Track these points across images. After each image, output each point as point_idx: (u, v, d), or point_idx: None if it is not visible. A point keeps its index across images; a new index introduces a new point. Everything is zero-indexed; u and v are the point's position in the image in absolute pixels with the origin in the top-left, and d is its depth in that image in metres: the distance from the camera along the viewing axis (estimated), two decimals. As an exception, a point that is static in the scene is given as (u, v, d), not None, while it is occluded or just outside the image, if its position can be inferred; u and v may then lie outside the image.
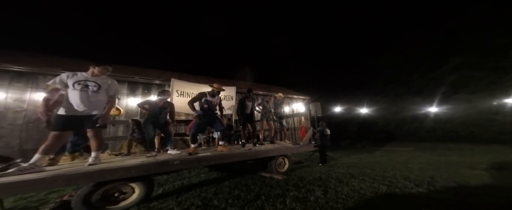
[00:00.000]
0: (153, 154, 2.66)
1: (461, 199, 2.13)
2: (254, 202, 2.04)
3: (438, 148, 7.90)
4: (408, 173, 3.47)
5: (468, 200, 2.08)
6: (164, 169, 2.24)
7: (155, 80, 5.72)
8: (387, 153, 6.96)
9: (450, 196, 2.22)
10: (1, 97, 4.01)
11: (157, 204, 2.02)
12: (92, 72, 2.08)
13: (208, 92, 3.10)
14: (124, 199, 1.99)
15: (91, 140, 2.10)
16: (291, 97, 9.02)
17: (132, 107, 5.17)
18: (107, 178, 1.83)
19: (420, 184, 2.68)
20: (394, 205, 1.96)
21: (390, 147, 9.20)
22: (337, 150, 7.81)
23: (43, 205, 2.19)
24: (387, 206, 1.95)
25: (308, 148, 4.17)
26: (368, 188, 2.51)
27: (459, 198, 2.15)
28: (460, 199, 2.12)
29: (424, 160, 5.23)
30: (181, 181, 3.09)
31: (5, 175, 1.61)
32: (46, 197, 2.48)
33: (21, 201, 2.33)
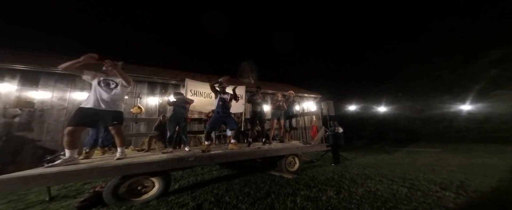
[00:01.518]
0: (169, 150, 2.86)
1: (498, 205, 1.88)
2: (264, 200, 2.07)
3: (472, 150, 6.99)
4: (434, 176, 3.16)
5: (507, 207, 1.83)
6: (181, 165, 2.41)
7: (172, 80, 6.08)
8: (409, 154, 6.40)
9: (484, 201, 1.98)
10: (48, 96, 4.66)
11: (174, 198, 2.18)
12: (106, 70, 2.27)
13: (220, 91, 3.22)
14: (145, 192, 2.19)
15: (115, 136, 2.33)
16: (302, 96, 8.82)
17: (151, 106, 5.58)
18: (133, 172, 2.03)
19: (447, 188, 2.43)
20: (415, 208, 1.82)
21: (413, 148, 8.46)
22: (352, 151, 7.46)
23: (80, 194, 2.52)
24: (406, 208, 1.82)
25: (320, 147, 4.07)
26: (386, 190, 2.35)
27: (493, 204, 1.90)
28: (496, 205, 1.87)
29: (454, 162, 4.70)
30: (195, 177, 3.27)
31: (53, 166, 1.90)
32: (82, 187, 2.85)
33: (62, 190, 2.72)
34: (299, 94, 8.61)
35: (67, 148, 2.00)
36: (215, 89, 3.17)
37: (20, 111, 4.33)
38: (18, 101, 4.35)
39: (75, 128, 2.00)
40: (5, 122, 4.16)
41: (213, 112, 3.36)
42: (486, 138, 10.29)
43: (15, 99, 4.33)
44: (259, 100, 3.90)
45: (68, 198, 2.42)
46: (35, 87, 4.52)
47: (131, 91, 5.50)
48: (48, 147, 4.24)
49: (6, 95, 4.26)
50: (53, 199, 2.33)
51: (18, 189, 2.44)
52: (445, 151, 6.92)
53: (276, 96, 4.42)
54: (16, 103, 4.31)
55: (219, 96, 3.17)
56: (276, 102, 4.25)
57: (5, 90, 4.25)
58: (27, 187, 1.70)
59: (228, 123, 3.18)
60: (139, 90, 5.62)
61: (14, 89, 4.34)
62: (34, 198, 2.40)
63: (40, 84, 4.61)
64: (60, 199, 2.38)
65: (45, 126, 4.43)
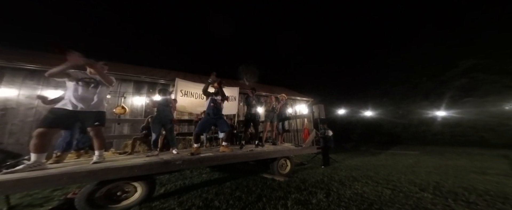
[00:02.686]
0: (155, 153, 2.69)
1: (468, 205, 2.05)
2: (256, 204, 2.02)
3: (445, 152, 7.67)
4: (414, 177, 3.38)
5: (475, 207, 2.00)
6: (167, 169, 2.26)
7: (160, 79, 5.82)
8: (392, 157, 6.79)
9: (457, 202, 2.15)
10: (14, 94, 4.17)
11: (158, 204, 2.03)
12: (89, 71, 2.09)
13: (213, 92, 3.10)
14: (126, 198, 2.01)
15: (93, 139, 2.12)
16: (295, 99, 8.96)
17: (137, 106, 5.26)
18: (111, 177, 1.85)
19: (425, 189, 2.61)
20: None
21: (395, 151, 8.98)
22: (341, 153, 7.69)
23: (48, 203, 2.24)
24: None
25: (311, 150, 4.12)
26: (371, 192, 2.46)
27: (464, 203, 2.08)
28: (467, 205, 2.04)
29: (431, 164, 5.09)
30: (183, 181, 3.10)
31: (14, 172, 1.65)
32: (51, 195, 2.54)
33: (26, 198, 2.39)
34: (292, 97, 8.73)
35: (33, 152, 1.75)
36: (208, 93, 3.01)
37: None
38: None
39: (46, 130, 1.77)
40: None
41: (204, 114, 3.24)
42: (456, 142, 11.36)
43: None
44: (253, 102, 3.86)
45: (32, 207, 2.13)
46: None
47: (114, 90, 5.14)
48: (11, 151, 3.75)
49: None
50: (13, 209, 2.04)
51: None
52: (423, 154, 7.46)
53: (269, 99, 4.43)
54: None
55: (210, 97, 3.06)
56: (269, 104, 4.26)
57: None
58: None
59: (219, 126, 3.06)
60: (123, 89, 5.27)
61: None
62: (-11, 209, 2.08)
63: (4, 80, 4.12)
64: (22, 208, 2.09)
65: (7, 127, 3.93)
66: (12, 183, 1.50)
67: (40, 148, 1.76)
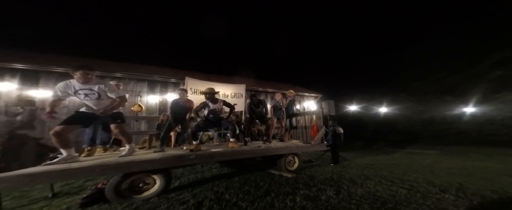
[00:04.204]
0: (162, 149, 2.84)
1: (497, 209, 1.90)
2: (264, 198, 2.09)
3: (471, 153, 6.99)
4: (433, 177, 3.17)
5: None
6: (182, 163, 2.44)
7: (171, 78, 6.09)
8: (407, 156, 6.43)
9: (484, 205, 1.99)
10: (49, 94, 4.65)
11: (174, 195, 2.21)
12: (77, 79, 2.01)
13: (208, 101, 3.06)
14: (147, 189, 2.22)
15: (120, 137, 2.35)
16: (302, 95, 8.83)
17: (152, 104, 5.60)
18: (133, 169, 2.06)
19: (446, 190, 2.44)
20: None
21: (411, 149, 8.49)
22: (351, 151, 7.49)
23: (82, 191, 2.56)
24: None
25: (320, 147, 4.10)
26: (385, 191, 2.37)
27: (494, 208, 1.91)
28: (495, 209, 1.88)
29: (453, 165, 4.72)
30: (195, 175, 3.30)
31: (53, 164, 1.93)
32: (84, 184, 2.89)
33: (65, 187, 2.76)
34: (300, 93, 8.61)
35: (62, 148, 1.99)
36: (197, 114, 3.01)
37: (22, 109, 4.35)
38: (19, 100, 4.36)
39: (64, 127, 1.93)
40: (7, 121, 4.19)
41: None
42: (486, 141, 10.26)
43: (16, 97, 4.34)
44: (256, 108, 3.80)
45: (70, 194, 2.45)
46: (36, 86, 4.53)
47: (131, 89, 5.51)
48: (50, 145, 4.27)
49: (7, 93, 4.28)
50: (55, 196, 2.37)
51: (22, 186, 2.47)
52: (443, 153, 6.93)
53: (275, 96, 4.45)
54: (17, 102, 4.33)
55: (207, 108, 2.99)
56: (275, 102, 4.27)
57: (6, 88, 4.27)
58: (32, 184, 1.73)
59: (221, 125, 3.14)
60: (139, 89, 5.63)
61: (14, 88, 4.36)
62: (37, 195, 2.44)
63: (41, 83, 4.63)
64: (62, 195, 2.42)
65: (47, 124, 4.45)
66: (58, 173, 1.76)
67: (63, 144, 1.97)
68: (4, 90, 4.25)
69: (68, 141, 2.03)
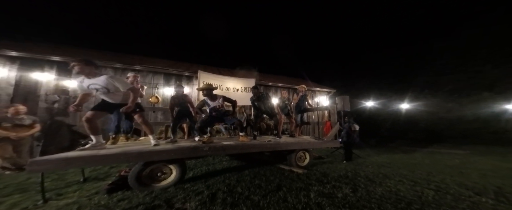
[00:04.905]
0: (174, 140, 2.96)
1: None
2: (276, 193, 2.09)
3: (510, 154, 6.21)
4: (463, 179, 2.89)
5: None
6: (196, 154, 2.55)
7: (185, 72, 6.25)
8: (430, 155, 5.95)
9: None
10: None
11: (189, 186, 2.31)
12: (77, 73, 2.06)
13: (207, 99, 2.93)
14: (164, 179, 2.35)
15: (143, 126, 2.51)
16: (314, 90, 8.50)
17: (167, 96, 5.84)
18: (153, 159, 2.20)
19: (482, 193, 2.20)
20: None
21: (435, 149, 7.84)
22: (365, 148, 7.17)
23: (108, 177, 2.80)
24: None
25: (333, 144, 3.97)
26: (408, 191, 2.20)
27: None
28: None
29: (486, 166, 4.25)
30: (207, 167, 3.41)
31: (84, 150, 2.12)
32: (109, 171, 3.16)
33: (93, 172, 3.05)
34: (311, 88, 8.29)
35: (91, 134, 2.20)
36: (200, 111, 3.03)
37: (58, 97, 4.83)
38: (56, 89, 4.84)
39: (94, 113, 2.16)
40: (47, 107, 4.71)
41: None
42: None
43: (53, 87, 4.82)
44: (258, 103, 3.65)
45: (98, 180, 2.70)
46: (69, 76, 4.95)
47: (149, 81, 5.78)
48: (81, 132, 4.74)
49: (47, 83, 4.77)
50: (86, 180, 2.63)
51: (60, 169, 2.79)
52: (474, 154, 6.27)
53: (281, 95, 4.37)
54: (54, 91, 4.81)
55: (208, 106, 2.90)
56: (281, 101, 4.23)
57: (46, 78, 4.76)
58: (68, 167, 1.93)
59: (226, 120, 3.14)
60: (156, 81, 5.88)
61: (52, 78, 4.83)
62: (70, 179, 2.73)
63: (73, 73, 5.05)
64: (91, 180, 2.68)
65: (78, 113, 4.93)
66: (89, 158, 1.94)
67: (93, 130, 2.17)
68: (44, 80, 4.75)
69: (97, 127, 2.23)
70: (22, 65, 4.60)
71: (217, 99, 2.94)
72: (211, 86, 2.90)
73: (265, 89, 7.30)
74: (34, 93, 4.62)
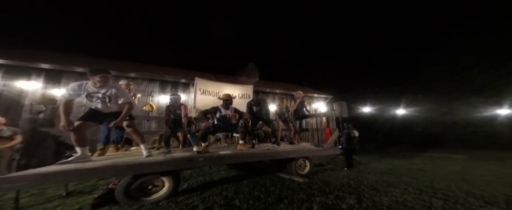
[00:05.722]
0: (166, 150, 2.77)
1: None
2: (277, 206, 1.95)
3: (507, 158, 6.27)
4: (469, 186, 2.83)
5: None
6: (191, 165, 2.38)
7: (182, 79, 6.16)
8: (431, 160, 5.91)
9: None
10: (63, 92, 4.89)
11: (183, 199, 2.14)
12: (93, 83, 2.01)
13: (221, 105, 3.03)
14: (156, 192, 2.18)
15: (132, 135, 2.35)
16: (311, 96, 8.55)
17: (162, 104, 5.69)
18: (144, 171, 2.03)
19: (493, 202, 2.12)
20: None
21: (434, 153, 7.85)
22: (365, 155, 7.07)
23: (94, 191, 2.59)
24: None
25: (333, 151, 3.87)
26: (416, 201, 2.11)
27: None
28: None
29: (489, 172, 4.23)
30: (203, 177, 3.24)
31: (65, 163, 1.94)
32: (97, 184, 2.94)
33: (79, 185, 2.83)
34: (309, 95, 8.33)
35: (78, 146, 2.02)
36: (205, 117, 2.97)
37: (44, 107, 4.59)
38: (43, 98, 4.60)
39: (82, 123, 2.01)
40: (30, 118, 4.45)
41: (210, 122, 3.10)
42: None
43: (40, 96, 4.59)
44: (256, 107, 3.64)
45: (83, 193, 2.49)
46: (58, 85, 4.77)
47: (144, 89, 5.64)
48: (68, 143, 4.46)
49: (33, 92, 4.55)
50: (69, 195, 2.42)
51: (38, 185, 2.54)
52: (473, 159, 6.28)
53: (281, 103, 4.37)
54: (41, 100, 4.58)
55: (219, 113, 2.91)
56: (279, 109, 4.22)
57: (32, 87, 4.54)
58: (47, 183, 1.74)
59: (232, 129, 3.10)
60: (151, 89, 5.75)
61: (39, 87, 4.62)
62: (52, 193, 2.50)
63: (62, 82, 4.87)
64: (76, 194, 2.46)
65: None
66: (71, 173, 1.77)
67: (81, 141, 2.01)
68: (30, 89, 4.51)
69: (85, 138, 2.08)
70: (6, 73, 4.40)
71: (229, 109, 3.04)
72: (231, 97, 3.09)
73: (262, 96, 7.27)
74: (18, 103, 4.39)
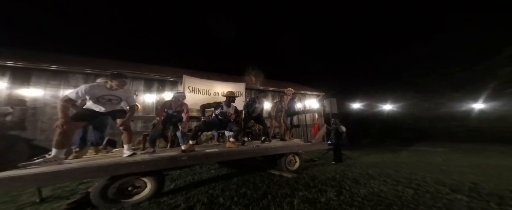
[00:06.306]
0: (151, 150, 2.65)
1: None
2: (260, 202, 1.96)
3: (484, 150, 6.71)
4: (443, 176, 3.01)
5: None
6: (173, 165, 2.31)
7: (169, 77, 5.97)
8: (415, 154, 6.19)
9: (502, 206, 1.82)
10: (40, 94, 4.54)
11: (167, 199, 2.09)
12: (111, 86, 2.14)
13: (224, 102, 3.10)
14: (137, 193, 2.10)
15: (124, 132, 2.27)
16: (304, 93, 8.62)
17: (148, 103, 5.49)
18: (121, 172, 1.93)
19: (458, 190, 2.28)
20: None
21: (419, 147, 8.22)
22: (356, 149, 7.28)
23: (73, 195, 2.45)
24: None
25: (321, 146, 3.93)
26: (390, 191, 2.23)
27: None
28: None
29: (465, 163, 4.49)
30: (193, 176, 3.18)
31: (30, 166, 1.81)
32: (77, 188, 2.79)
33: (57, 191, 2.66)
34: (301, 92, 8.41)
35: (57, 147, 1.93)
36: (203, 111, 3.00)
37: (12, 109, 4.24)
38: (9, 99, 4.24)
39: (74, 123, 1.97)
40: (-5, 121, 4.10)
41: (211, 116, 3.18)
42: (499, 138, 9.89)
43: (5, 97, 4.22)
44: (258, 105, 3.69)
45: (61, 199, 2.35)
46: (27, 85, 4.40)
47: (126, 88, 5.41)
48: (43, 147, 4.19)
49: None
50: (44, 201, 2.27)
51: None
52: (454, 151, 6.66)
53: (282, 99, 4.30)
54: (6, 101, 4.21)
55: (220, 110, 3.01)
56: (280, 104, 4.16)
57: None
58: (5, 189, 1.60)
59: (228, 126, 3.13)
60: (135, 87, 5.53)
61: (4, 87, 4.23)
62: (26, 199, 2.34)
63: (32, 81, 4.51)
64: (52, 200, 2.32)
65: (38, 124, 4.36)
66: (30, 178, 1.63)
67: (63, 143, 1.94)
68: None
69: (70, 139, 2.06)
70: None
71: (231, 107, 3.14)
72: (234, 94, 3.22)
73: (255, 94, 7.23)
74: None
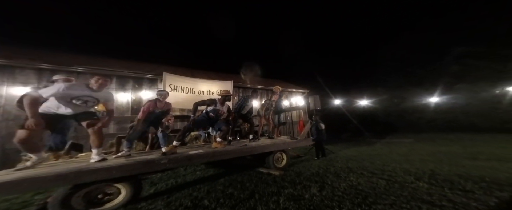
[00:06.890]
0: (127, 153, 2.40)
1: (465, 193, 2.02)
2: (247, 202, 1.93)
3: (438, 139, 7.83)
4: (409, 165, 3.38)
5: (472, 195, 1.96)
6: (151, 169, 2.11)
7: (147, 74, 5.46)
8: (387, 145, 6.88)
9: (453, 190, 2.11)
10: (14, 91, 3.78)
11: (145, 205, 1.92)
12: (93, 86, 1.99)
13: (218, 100, 3.02)
14: (109, 200, 1.88)
15: (91, 136, 1.99)
16: (291, 91, 8.80)
17: (122, 103, 4.98)
18: (86, 180, 1.69)
19: (420, 178, 2.58)
20: (393, 203, 1.85)
21: (390, 139, 9.14)
22: (337, 143, 7.74)
23: (26, 208, 2.08)
24: (385, 203, 1.84)
25: (306, 142, 4.05)
26: (366, 183, 2.41)
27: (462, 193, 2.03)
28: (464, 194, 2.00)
29: (425, 151, 5.15)
30: (176, 179, 2.98)
31: None
32: (31, 199, 2.37)
33: (4, 203, 2.23)
34: (288, 89, 8.56)
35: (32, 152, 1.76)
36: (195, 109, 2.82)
37: None
38: None
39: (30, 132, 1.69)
40: None
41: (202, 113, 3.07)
42: (449, 128, 11.65)
43: None
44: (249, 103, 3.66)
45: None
46: None
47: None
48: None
49: None
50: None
51: None
52: (417, 141, 7.60)
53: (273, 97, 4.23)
54: None
55: (213, 107, 2.93)
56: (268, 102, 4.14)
57: None
58: None
59: (216, 125, 3.05)
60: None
61: None
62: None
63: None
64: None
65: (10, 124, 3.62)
66: None
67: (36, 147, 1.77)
68: None
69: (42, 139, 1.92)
70: None
71: (224, 105, 3.12)
72: (229, 93, 3.17)
73: (246, 92, 7.10)
74: None
